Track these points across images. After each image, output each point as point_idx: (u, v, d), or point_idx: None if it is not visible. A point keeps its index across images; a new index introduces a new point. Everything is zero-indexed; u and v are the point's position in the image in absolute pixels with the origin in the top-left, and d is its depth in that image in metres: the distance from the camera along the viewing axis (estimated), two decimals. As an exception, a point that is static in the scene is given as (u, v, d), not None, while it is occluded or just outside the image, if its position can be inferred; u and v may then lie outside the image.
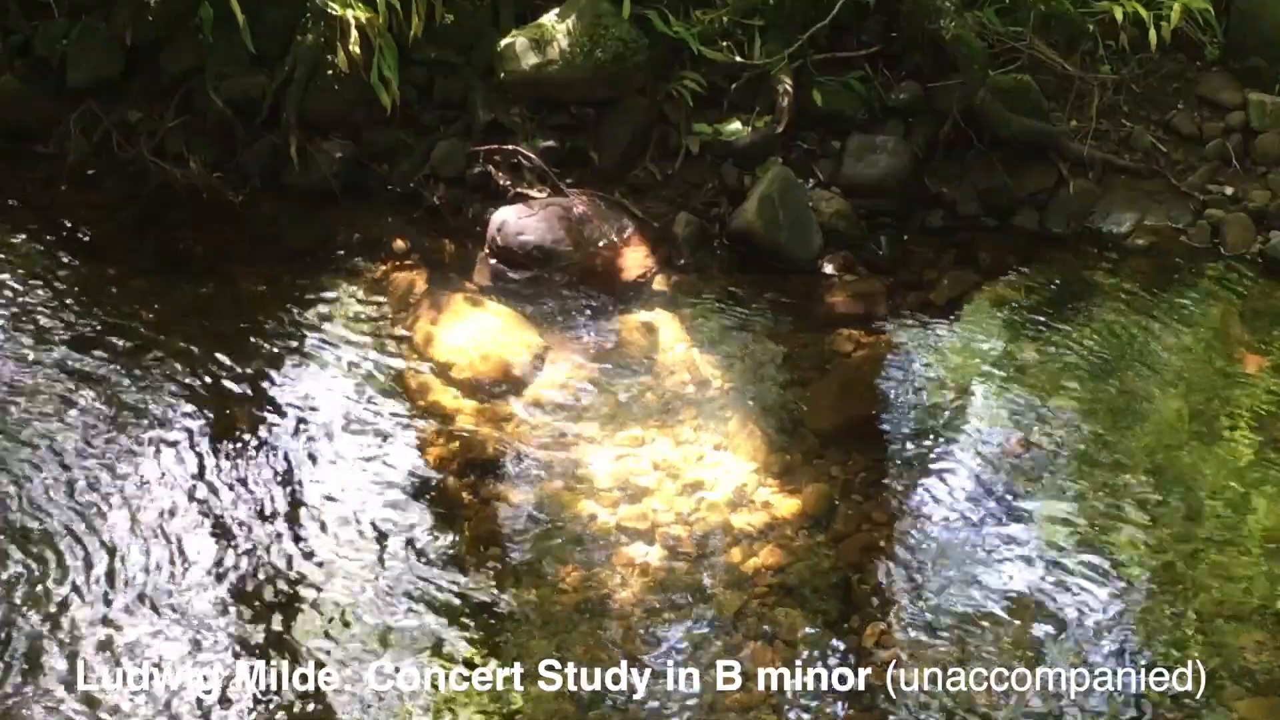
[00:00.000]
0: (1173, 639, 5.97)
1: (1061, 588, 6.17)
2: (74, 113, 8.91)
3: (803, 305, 7.97)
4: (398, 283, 8.04)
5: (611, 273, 8.15)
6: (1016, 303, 8.10)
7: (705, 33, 8.84)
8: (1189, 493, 6.70)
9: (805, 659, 5.84)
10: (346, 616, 5.97)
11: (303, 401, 7.13)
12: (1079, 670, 5.78)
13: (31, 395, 7.05)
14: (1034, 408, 7.21)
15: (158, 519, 6.35)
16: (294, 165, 8.61)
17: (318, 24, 8.65)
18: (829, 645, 5.92)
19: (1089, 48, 9.11)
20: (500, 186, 8.53)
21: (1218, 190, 8.69)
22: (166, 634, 5.82)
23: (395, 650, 5.82)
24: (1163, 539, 6.46)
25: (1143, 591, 6.20)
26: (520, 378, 7.32)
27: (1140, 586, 6.22)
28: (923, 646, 5.91)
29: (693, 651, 5.89)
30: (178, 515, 6.38)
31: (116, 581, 6.03)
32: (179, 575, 6.08)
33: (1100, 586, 6.19)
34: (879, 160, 8.59)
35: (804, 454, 6.91)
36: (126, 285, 7.92)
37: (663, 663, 5.83)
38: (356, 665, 5.74)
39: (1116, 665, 5.85)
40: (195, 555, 6.19)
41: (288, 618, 5.95)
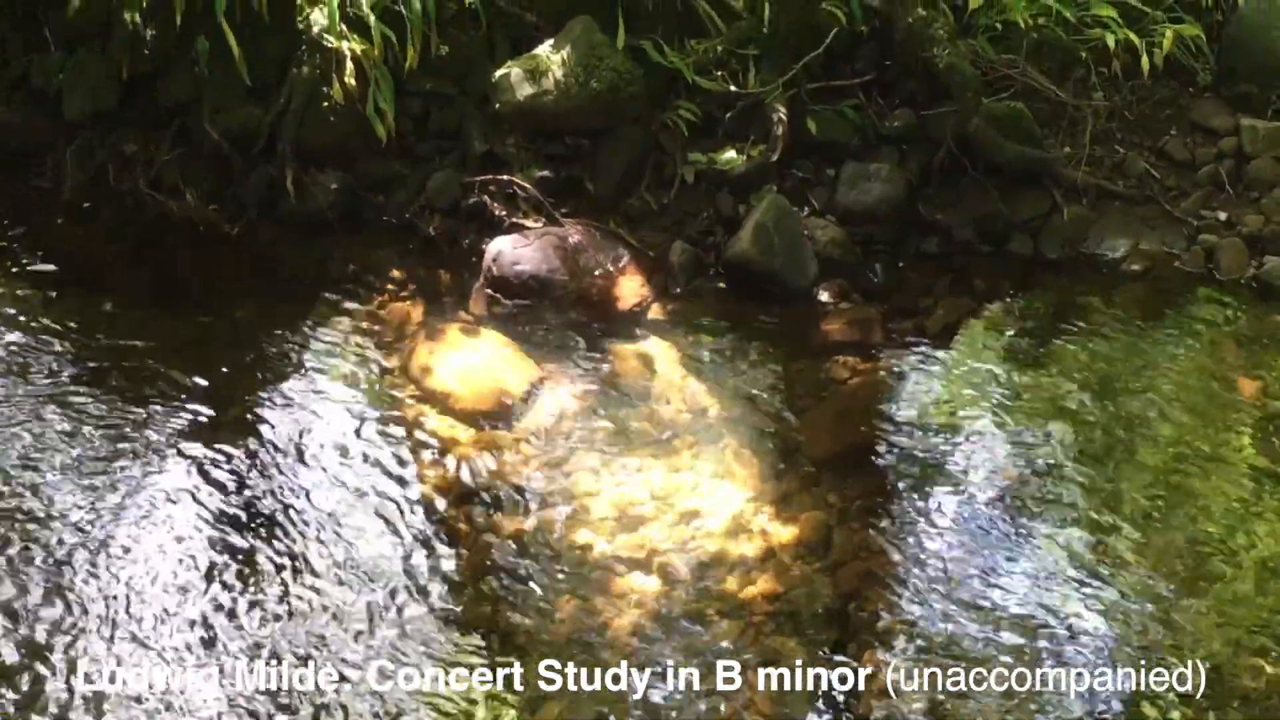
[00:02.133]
0: (1171, 664, 5.96)
1: (1059, 614, 6.17)
2: (70, 144, 8.94)
3: (798, 333, 7.98)
4: (394, 313, 8.06)
5: (607, 302, 8.17)
6: (1012, 328, 8.12)
7: (700, 62, 8.86)
8: (1186, 518, 6.71)
9: (803, 687, 5.84)
10: (341, 646, 5.96)
11: (299, 432, 7.13)
12: (1078, 697, 5.79)
13: (27, 426, 7.04)
14: (1030, 433, 7.22)
15: (155, 550, 6.35)
16: (290, 196, 8.62)
17: (313, 56, 8.68)
18: (827, 673, 5.92)
19: (1082, 75, 9.14)
20: (496, 216, 8.55)
21: (1211, 215, 8.71)
22: (166, 664, 5.82)
23: (390, 679, 5.81)
24: (1160, 564, 6.46)
25: (1141, 617, 6.19)
26: (516, 407, 7.33)
27: (1138, 612, 6.22)
28: (921, 674, 5.90)
29: (690, 680, 5.88)
30: (175, 547, 6.38)
31: (113, 613, 6.02)
32: (175, 607, 6.08)
33: (1098, 613, 6.19)
34: (873, 188, 8.61)
35: (801, 482, 6.92)
36: (122, 316, 7.92)
37: (660, 691, 5.83)
38: (351, 695, 5.74)
39: (1116, 691, 5.85)
40: (191, 586, 6.18)
41: (283, 647, 5.95)
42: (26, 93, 9.08)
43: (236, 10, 8.54)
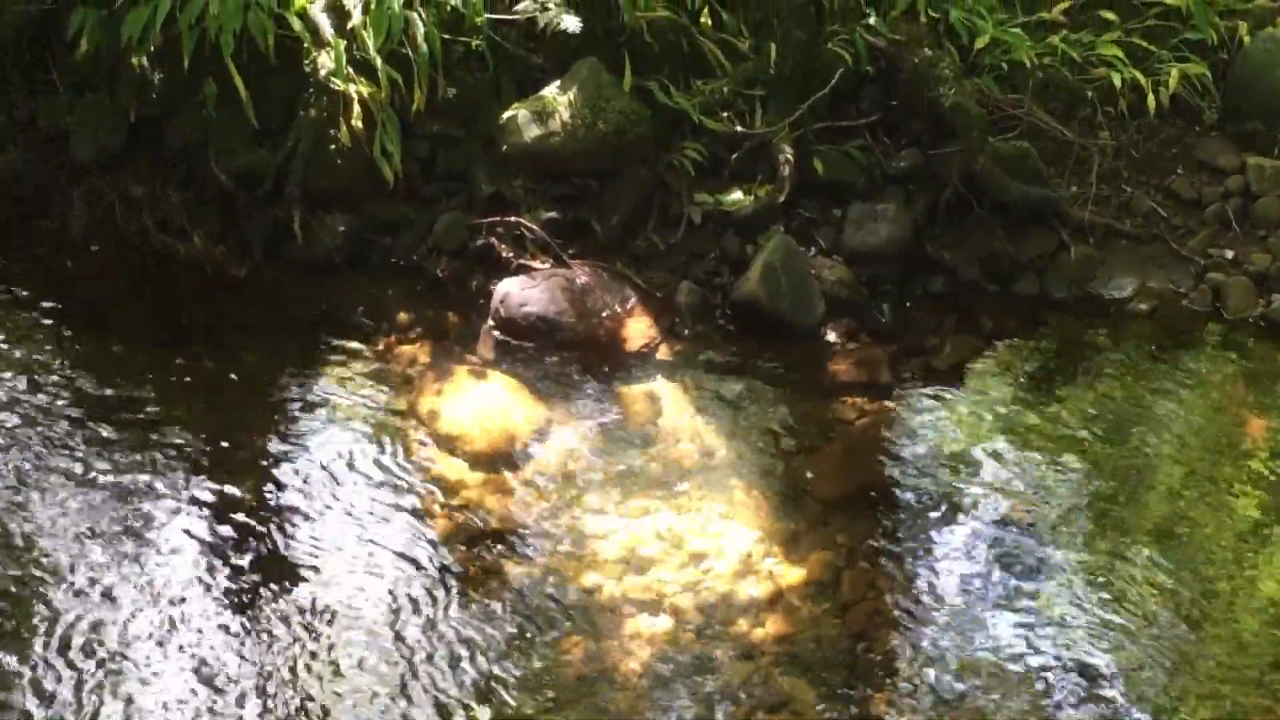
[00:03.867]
0: (1179, 704, 5.95)
1: (1069, 655, 6.16)
2: (78, 187, 8.97)
3: (806, 373, 7.98)
4: (401, 355, 8.05)
5: (615, 343, 8.17)
6: (1019, 368, 8.11)
7: (706, 103, 8.88)
8: (1195, 558, 6.69)
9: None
10: (350, 690, 5.95)
11: (306, 475, 7.13)
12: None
13: (34, 469, 7.04)
14: (1038, 473, 7.21)
15: (161, 596, 6.34)
16: (297, 239, 8.63)
17: (320, 98, 8.70)
18: (837, 715, 5.90)
19: (1088, 114, 9.15)
20: (503, 258, 8.55)
21: (1218, 254, 8.71)
22: (169, 713, 5.81)
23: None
24: (1169, 604, 6.44)
25: (1149, 656, 6.17)
26: (525, 449, 7.33)
27: (1147, 652, 6.20)
28: (931, 716, 5.89)
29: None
30: (181, 592, 6.37)
31: (120, 657, 6.01)
32: (182, 653, 6.07)
33: (1107, 652, 6.18)
34: (880, 228, 8.61)
35: (809, 522, 6.91)
36: (129, 359, 7.92)
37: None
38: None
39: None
40: (199, 631, 6.17)
41: (292, 689, 5.93)
42: (35, 135, 9.12)
43: (244, 53, 8.56)
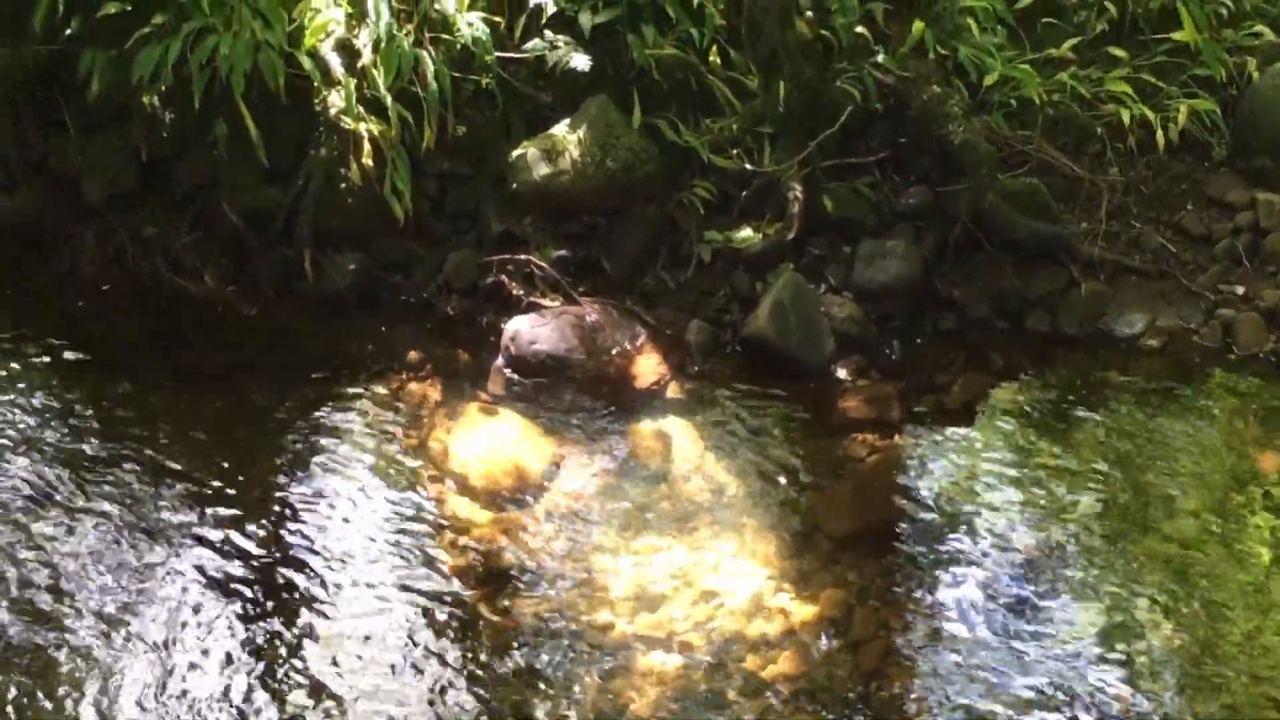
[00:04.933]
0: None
1: (1083, 692, 6.14)
2: (89, 227, 8.99)
3: (816, 410, 7.97)
4: (412, 393, 8.06)
5: (625, 380, 8.17)
6: (1030, 405, 8.10)
7: (715, 141, 8.91)
8: (1208, 594, 6.67)
9: (825, 767, 5.83)
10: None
11: (318, 514, 7.13)
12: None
13: (46, 509, 7.05)
14: (1050, 510, 7.20)
15: (172, 637, 6.34)
16: (308, 277, 8.66)
17: (330, 137, 8.72)
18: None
19: (1097, 150, 9.16)
20: (513, 296, 8.57)
21: (1229, 290, 8.70)
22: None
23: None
24: (1183, 640, 6.43)
25: (1164, 692, 6.16)
26: (536, 487, 7.33)
27: (1161, 688, 6.18)
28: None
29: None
30: (192, 633, 6.36)
31: (129, 692, 6.01)
32: (194, 695, 6.06)
33: (1122, 688, 6.16)
34: (889, 265, 8.62)
35: (820, 560, 6.90)
36: (141, 399, 7.93)
37: (682, 773, 5.82)
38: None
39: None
40: (211, 673, 6.16)
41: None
42: (46, 176, 9.14)
43: (254, 92, 8.60)
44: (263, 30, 8.60)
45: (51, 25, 8.97)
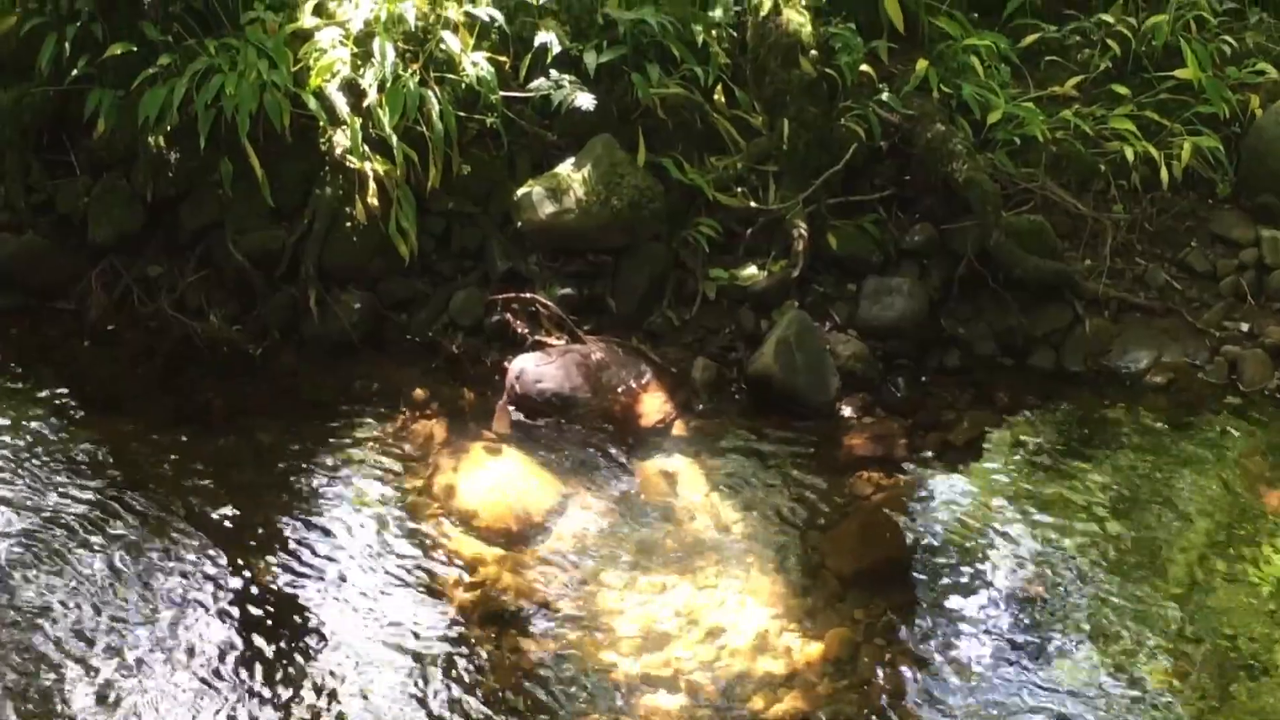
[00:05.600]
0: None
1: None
2: (95, 269, 9.02)
3: (822, 448, 7.96)
4: (417, 432, 8.06)
5: (630, 419, 8.17)
6: (1035, 442, 8.09)
7: (720, 179, 8.92)
8: (1215, 632, 6.66)
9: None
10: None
11: (323, 553, 7.12)
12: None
13: (52, 549, 7.06)
14: (1056, 547, 7.19)
15: (176, 676, 6.33)
16: (313, 317, 8.67)
17: (336, 177, 8.75)
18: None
19: (1101, 187, 9.15)
20: (518, 334, 8.58)
21: (1233, 327, 8.69)
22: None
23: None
24: (1190, 679, 6.41)
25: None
26: (541, 525, 7.32)
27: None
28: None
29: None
30: (197, 671, 6.36)
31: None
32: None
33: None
34: (895, 302, 8.62)
35: (826, 598, 6.89)
36: (147, 439, 7.94)
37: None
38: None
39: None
40: (214, 712, 6.15)
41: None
42: (52, 217, 9.17)
43: (260, 133, 8.63)
44: (268, 71, 8.63)
45: (58, 66, 9.01)
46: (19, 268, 9.07)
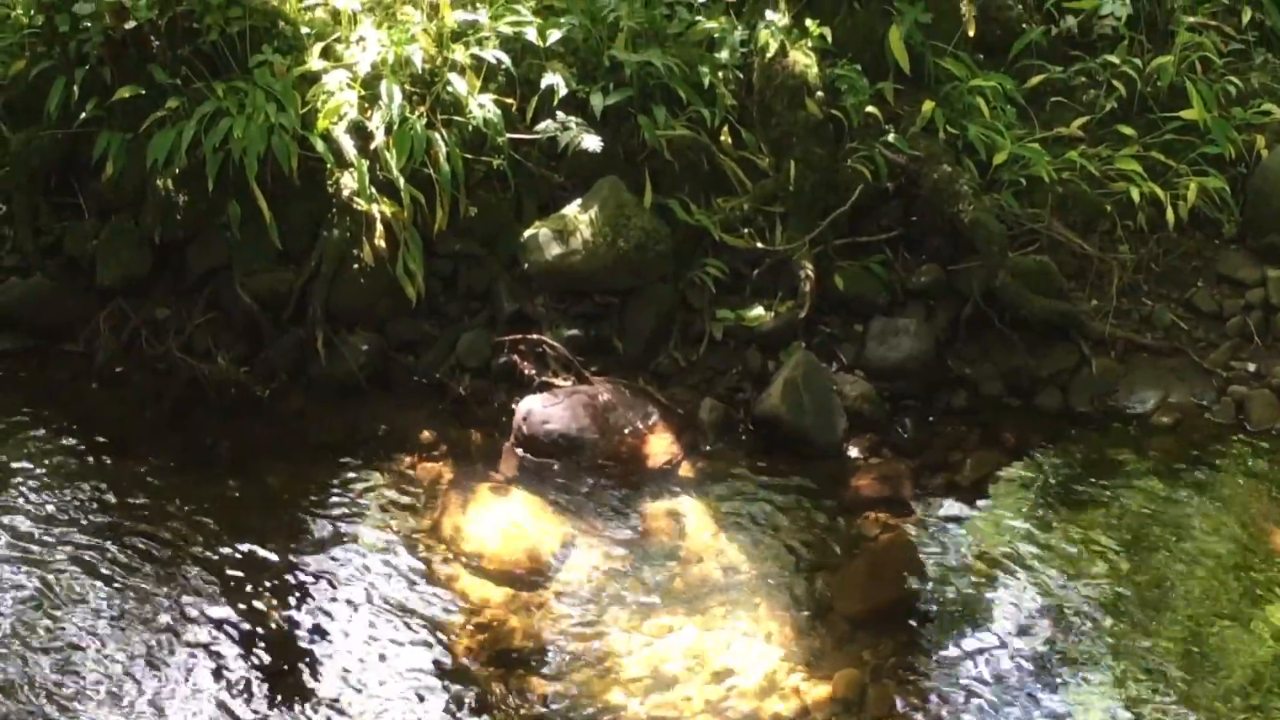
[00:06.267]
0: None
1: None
2: (103, 311, 9.02)
3: (829, 489, 7.96)
4: (425, 474, 8.06)
5: (637, 460, 8.16)
6: (1042, 482, 8.08)
7: (726, 220, 8.93)
8: (1223, 673, 6.64)
9: None
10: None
11: (330, 595, 7.12)
12: None
13: (59, 592, 7.06)
14: (1064, 588, 7.17)
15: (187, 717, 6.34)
16: (320, 358, 8.67)
17: (343, 219, 8.77)
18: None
19: (1107, 228, 9.17)
20: (525, 376, 8.58)
21: (1240, 367, 8.69)
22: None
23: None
24: (1198, 719, 6.41)
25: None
26: (548, 566, 7.32)
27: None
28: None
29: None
30: (204, 713, 6.36)
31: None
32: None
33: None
34: (901, 343, 8.62)
35: (834, 639, 6.88)
36: (154, 482, 7.94)
37: None
38: None
39: None
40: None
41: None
42: (61, 260, 9.18)
43: (267, 175, 8.66)
44: (276, 113, 8.66)
45: (67, 109, 9.04)
46: (27, 310, 9.08)
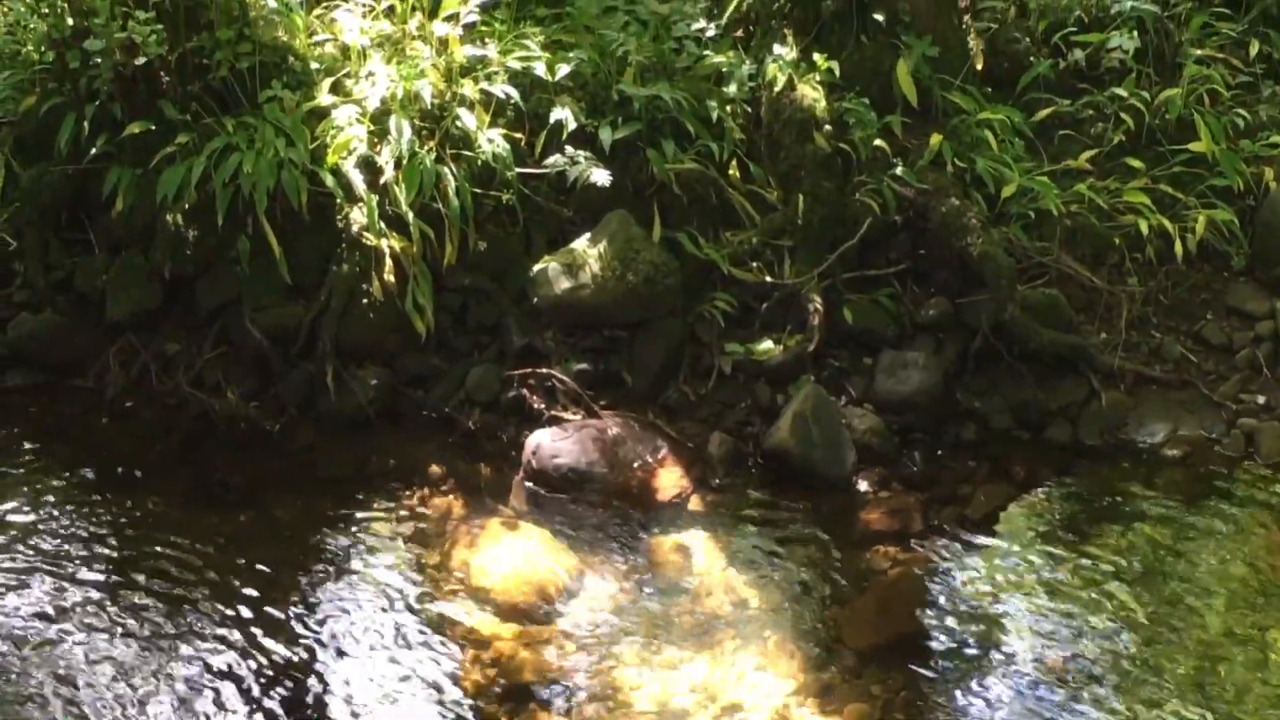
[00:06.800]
0: None
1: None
2: (113, 346, 9.05)
3: (838, 523, 7.96)
4: (434, 508, 8.06)
5: (647, 494, 8.16)
6: (1052, 516, 8.07)
7: (735, 254, 8.94)
8: (1231, 707, 6.62)
9: None
10: None
11: (340, 629, 7.11)
12: None
13: (70, 626, 7.06)
14: (1073, 622, 7.16)
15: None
16: (330, 393, 8.68)
17: (353, 253, 8.78)
18: None
19: (1116, 261, 9.17)
20: (535, 410, 8.59)
21: (1250, 399, 8.69)
22: None
23: None
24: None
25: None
26: (557, 601, 7.31)
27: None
28: None
29: None
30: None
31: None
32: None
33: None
34: (910, 376, 8.63)
35: (843, 673, 6.86)
36: (164, 516, 7.95)
37: None
38: None
39: None
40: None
41: None
42: (71, 295, 9.20)
43: (277, 210, 8.68)
44: (286, 148, 8.70)
45: (77, 145, 9.08)
46: (38, 345, 9.10)
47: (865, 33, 9.60)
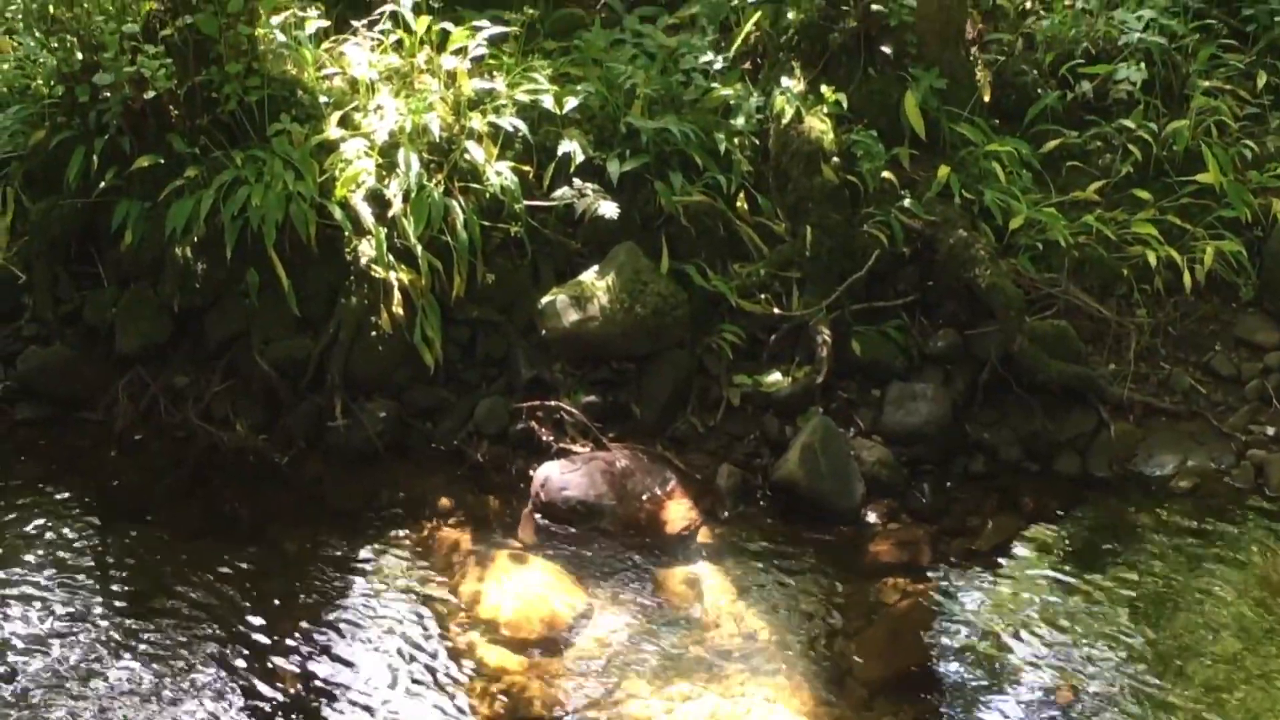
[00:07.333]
0: None
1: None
2: (122, 379, 9.03)
3: (847, 555, 7.95)
4: (443, 541, 8.06)
5: (655, 526, 8.15)
6: (1061, 548, 8.06)
7: (743, 285, 8.94)
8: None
9: None
10: None
11: (349, 663, 7.11)
12: None
13: (79, 659, 7.05)
14: (1083, 654, 7.15)
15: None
16: (339, 426, 8.68)
17: (361, 286, 8.79)
18: None
19: (1124, 292, 9.17)
20: (543, 442, 8.58)
21: (1259, 430, 8.68)
22: None
23: None
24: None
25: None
26: (566, 634, 7.30)
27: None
28: None
29: None
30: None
31: None
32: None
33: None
34: (919, 408, 8.62)
35: (853, 706, 6.85)
36: (173, 549, 7.94)
37: None
38: None
39: None
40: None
41: None
42: (80, 328, 9.21)
43: (285, 243, 8.69)
44: (294, 182, 8.72)
45: (86, 178, 9.09)
46: (47, 378, 9.09)
47: (873, 65, 9.62)
